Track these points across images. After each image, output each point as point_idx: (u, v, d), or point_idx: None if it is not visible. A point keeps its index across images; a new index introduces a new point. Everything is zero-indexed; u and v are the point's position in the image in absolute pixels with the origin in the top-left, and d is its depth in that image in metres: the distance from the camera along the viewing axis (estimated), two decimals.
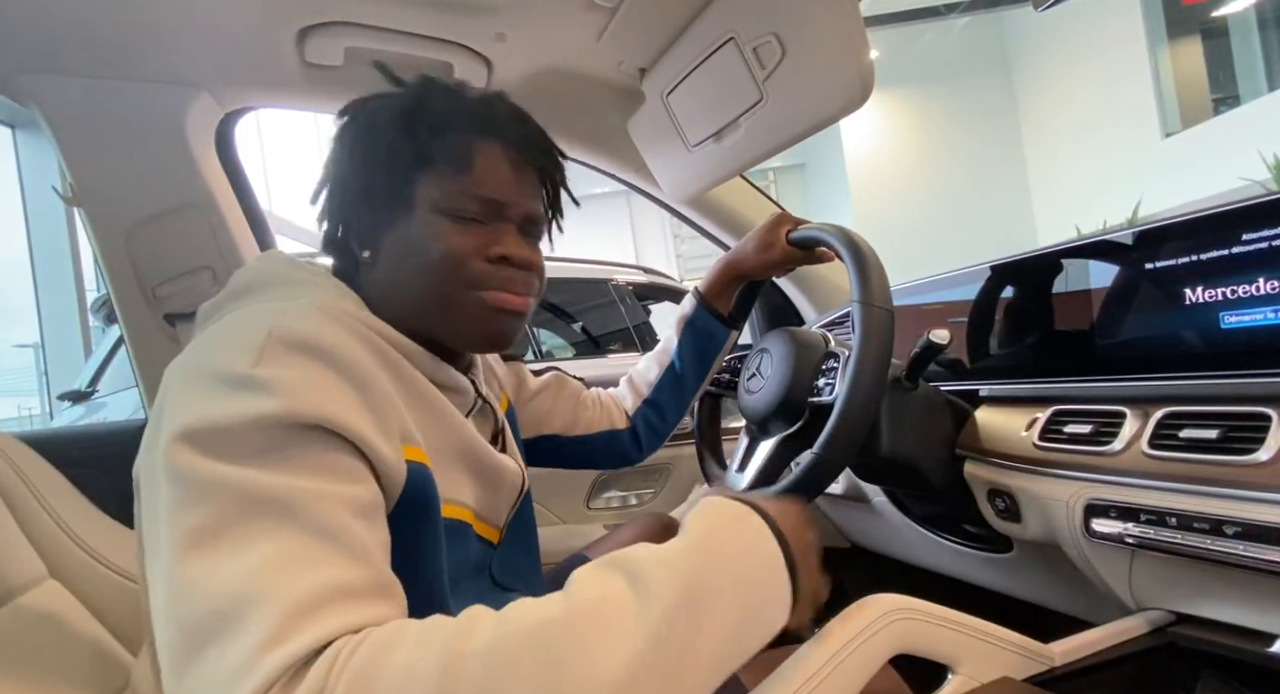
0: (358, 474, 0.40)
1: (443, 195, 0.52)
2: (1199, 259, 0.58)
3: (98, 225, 0.89)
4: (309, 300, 0.47)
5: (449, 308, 0.53)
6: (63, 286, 4.06)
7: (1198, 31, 6.46)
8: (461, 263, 0.52)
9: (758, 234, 0.83)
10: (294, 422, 0.38)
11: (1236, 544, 0.50)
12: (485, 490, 0.57)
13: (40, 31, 0.77)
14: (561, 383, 0.83)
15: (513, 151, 0.55)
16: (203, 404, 0.38)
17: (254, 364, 0.39)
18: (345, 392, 0.41)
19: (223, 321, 0.45)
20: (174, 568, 0.34)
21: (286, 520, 0.35)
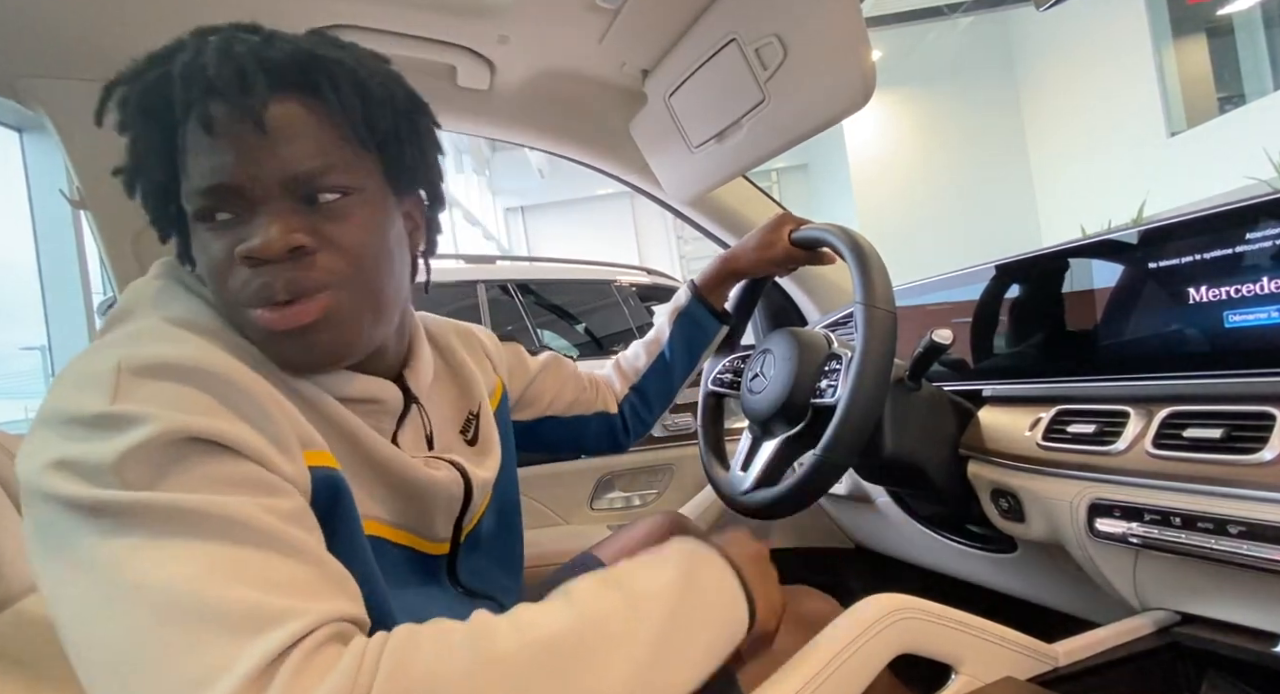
0: (270, 484, 0.36)
1: (184, 198, 0.43)
2: (1203, 258, 0.58)
3: (105, 229, 0.89)
4: (162, 316, 0.41)
5: (242, 329, 0.43)
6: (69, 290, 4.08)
7: (1203, 30, 6.43)
8: (221, 272, 0.42)
9: (760, 232, 0.83)
10: (174, 439, 0.34)
11: (1241, 544, 0.50)
12: (404, 503, 0.51)
13: (47, 36, 0.77)
14: (559, 363, 0.82)
15: (208, 107, 0.41)
16: (66, 449, 0.33)
17: (109, 401, 0.34)
18: (220, 405, 0.37)
19: (69, 363, 0.39)
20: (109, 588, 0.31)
21: (218, 532, 0.33)
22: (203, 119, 0.41)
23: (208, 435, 0.35)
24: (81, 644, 0.32)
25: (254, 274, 0.41)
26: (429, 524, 0.54)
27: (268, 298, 0.41)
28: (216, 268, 0.42)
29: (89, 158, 0.87)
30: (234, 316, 0.43)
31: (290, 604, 0.32)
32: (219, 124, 0.41)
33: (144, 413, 0.34)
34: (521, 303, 2.84)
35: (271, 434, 0.38)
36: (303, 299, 0.42)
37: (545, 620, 0.37)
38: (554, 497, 1.32)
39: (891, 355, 0.64)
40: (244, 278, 0.41)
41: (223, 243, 0.42)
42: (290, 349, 0.43)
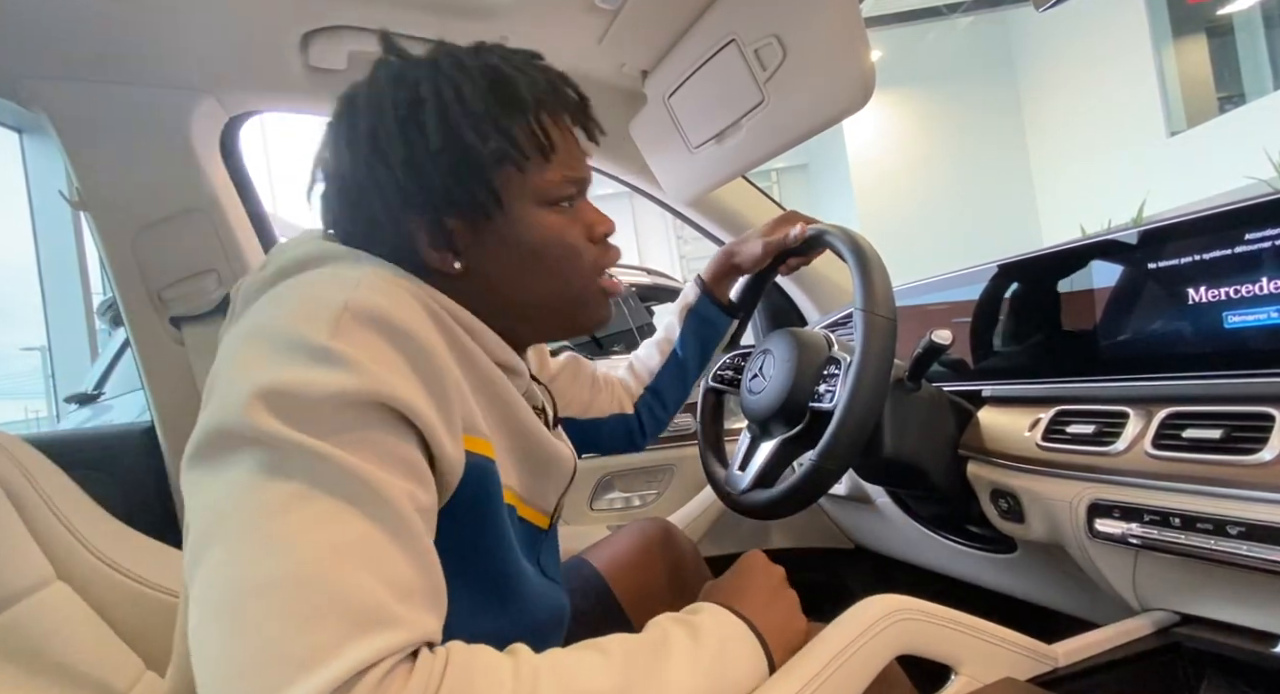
0: (424, 474, 0.39)
1: (540, 184, 0.49)
2: (1202, 259, 0.58)
3: (104, 229, 0.90)
4: (381, 272, 0.44)
5: (577, 302, 0.53)
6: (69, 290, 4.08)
7: (1203, 30, 6.43)
8: (579, 253, 0.52)
9: (763, 228, 0.82)
10: (368, 401, 0.36)
11: (1240, 544, 0.50)
12: (535, 476, 0.54)
13: (47, 37, 0.77)
14: (578, 364, 0.82)
15: (571, 119, 0.52)
16: (279, 370, 0.36)
17: (331, 336, 0.36)
18: (416, 376, 0.39)
19: (290, 287, 0.42)
20: (258, 527, 0.32)
21: (369, 506, 0.34)
22: (588, 130, 0.53)
23: (395, 403, 0.37)
24: (210, 566, 0.33)
25: (602, 249, 0.54)
26: (546, 497, 0.56)
27: (611, 268, 0.54)
28: (572, 245, 0.51)
29: (88, 158, 0.87)
30: (576, 284, 0.52)
31: (399, 611, 0.33)
32: (575, 120, 0.52)
33: (354, 359, 0.36)
34: None
35: (446, 411, 0.41)
36: None
37: (584, 677, 0.38)
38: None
39: (890, 362, 0.64)
40: (596, 252, 0.53)
41: (575, 225, 0.52)
42: (609, 311, 0.55)
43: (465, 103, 0.46)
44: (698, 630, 0.44)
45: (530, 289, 0.51)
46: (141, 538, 0.73)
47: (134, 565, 0.69)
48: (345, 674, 0.30)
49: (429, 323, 0.42)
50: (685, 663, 0.42)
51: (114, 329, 2.65)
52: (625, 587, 0.74)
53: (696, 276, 0.87)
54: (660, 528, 0.81)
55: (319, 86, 0.92)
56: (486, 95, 0.47)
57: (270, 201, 1.36)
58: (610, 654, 0.40)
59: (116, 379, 2.47)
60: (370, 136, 0.47)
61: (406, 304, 0.41)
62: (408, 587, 0.34)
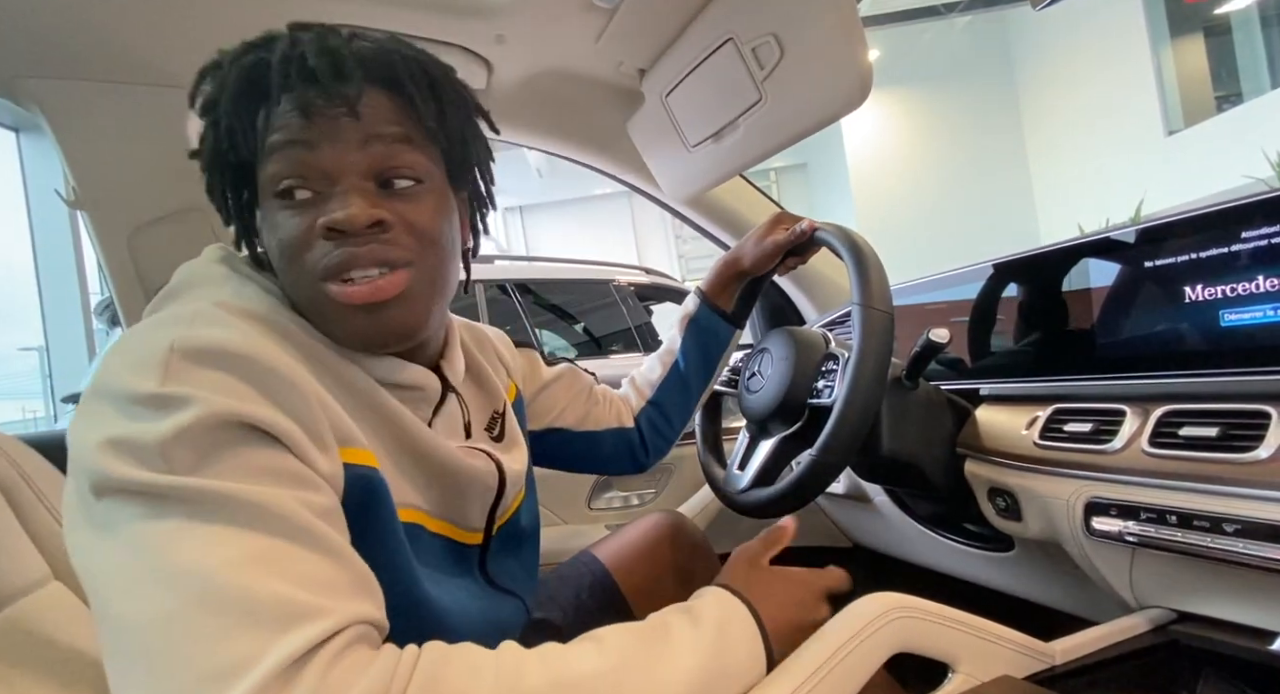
0: (308, 478, 0.38)
1: (265, 177, 0.45)
2: (1199, 257, 0.58)
3: (100, 228, 0.89)
4: (218, 299, 0.42)
5: (311, 305, 0.45)
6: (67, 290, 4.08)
7: (1200, 29, 6.44)
8: (300, 246, 0.44)
9: (758, 232, 0.82)
10: (220, 423, 0.35)
11: (1236, 542, 0.50)
12: (441, 491, 0.52)
13: (43, 35, 0.77)
14: (575, 375, 0.80)
15: (306, 93, 0.43)
16: (118, 427, 0.35)
17: (160, 383, 0.35)
18: (263, 396, 0.38)
19: (123, 337, 0.40)
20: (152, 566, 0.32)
21: (256, 522, 0.34)
22: (301, 102, 0.43)
23: (250, 421, 0.36)
24: (113, 620, 0.32)
25: (334, 246, 0.43)
26: (464, 513, 0.55)
27: (347, 270, 0.44)
28: (294, 242, 0.44)
29: (85, 157, 0.87)
30: (306, 292, 0.45)
31: (319, 602, 0.33)
32: (315, 108, 0.43)
33: (191, 396, 0.35)
34: (520, 302, 2.84)
35: (310, 428, 0.39)
36: (383, 274, 0.44)
37: (574, 662, 0.38)
38: (552, 496, 1.32)
39: (888, 356, 0.64)
40: (324, 250, 0.43)
41: (303, 219, 0.44)
42: (363, 323, 0.45)
43: (216, 99, 0.45)
44: (698, 617, 0.45)
45: (291, 293, 0.46)
46: None
47: None
48: (276, 669, 0.30)
49: (268, 341, 0.40)
50: (682, 646, 0.42)
51: (112, 329, 2.64)
52: (630, 580, 0.74)
53: (696, 288, 0.86)
54: (670, 521, 0.81)
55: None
56: (231, 89, 0.44)
57: None
58: (604, 642, 0.40)
59: None
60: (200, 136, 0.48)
61: (240, 328, 0.40)
62: (324, 580, 0.34)
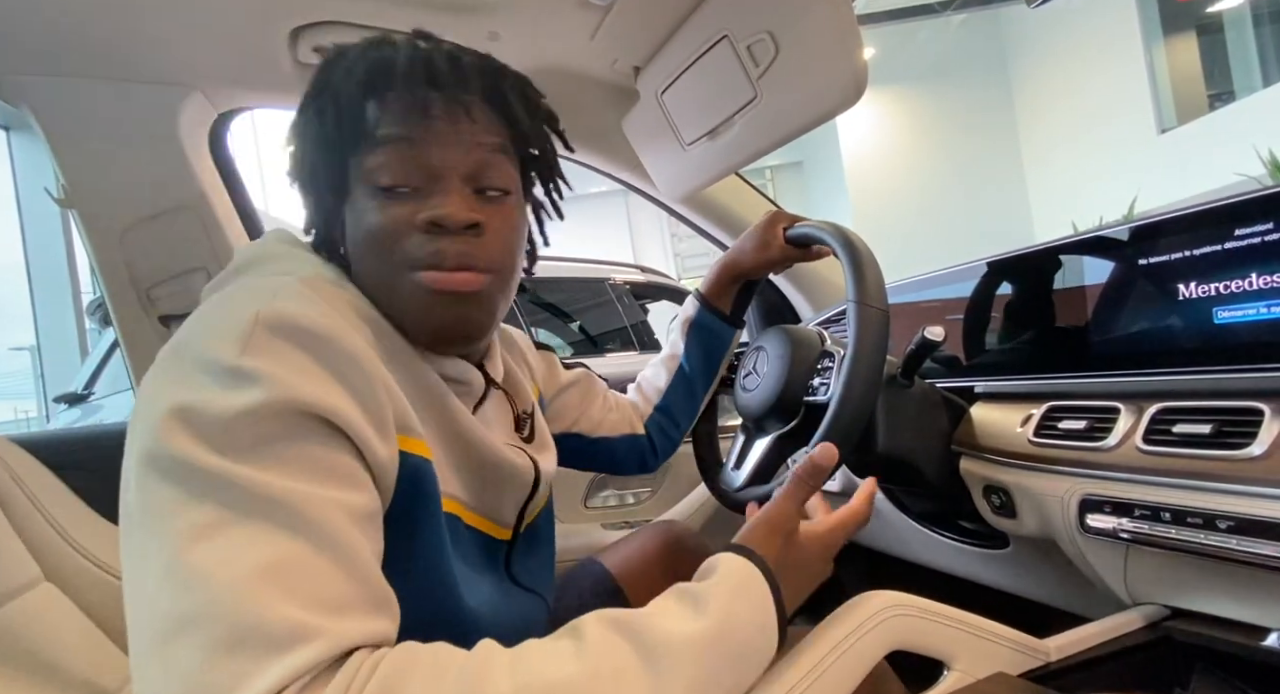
0: (357, 478, 0.38)
1: (368, 168, 0.47)
2: (1192, 254, 0.58)
3: (91, 228, 0.89)
4: (298, 276, 0.43)
5: (392, 294, 0.47)
6: (58, 289, 4.05)
7: (1193, 27, 6.47)
8: (393, 236, 0.46)
9: (754, 233, 0.82)
10: (285, 410, 0.36)
11: (1230, 538, 0.50)
12: (481, 484, 0.53)
13: (32, 33, 0.76)
14: (591, 381, 0.81)
15: (427, 94, 0.46)
16: (190, 393, 0.36)
17: (240, 353, 0.36)
18: (335, 380, 0.38)
19: (209, 302, 0.42)
20: (175, 560, 0.32)
21: (288, 525, 0.34)
22: (423, 102, 0.46)
23: (317, 410, 0.37)
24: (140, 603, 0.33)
25: (429, 240, 0.46)
26: (500, 509, 0.55)
27: (439, 262, 0.46)
28: (389, 232, 0.46)
29: (75, 156, 0.86)
30: (391, 280, 0.47)
31: (323, 624, 0.32)
32: (435, 109, 0.47)
33: (266, 374, 0.36)
34: (516, 301, 2.83)
35: (375, 413, 0.40)
36: (471, 270, 0.47)
37: (548, 666, 0.35)
38: None
39: (884, 353, 0.64)
40: (418, 242, 0.46)
41: (401, 211, 0.46)
42: (445, 311, 0.47)
43: (332, 84, 0.47)
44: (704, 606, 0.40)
45: (368, 275, 0.48)
46: None
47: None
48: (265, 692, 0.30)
49: (354, 325, 0.42)
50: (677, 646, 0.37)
51: (104, 328, 2.63)
52: (637, 589, 0.74)
53: (695, 291, 0.86)
54: (676, 531, 0.81)
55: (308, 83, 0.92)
56: (347, 73, 0.47)
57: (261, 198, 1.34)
58: (585, 640, 0.37)
59: (106, 379, 2.46)
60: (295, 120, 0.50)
61: (323, 308, 0.40)
62: (336, 599, 0.34)
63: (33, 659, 0.57)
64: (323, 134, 0.48)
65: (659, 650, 0.37)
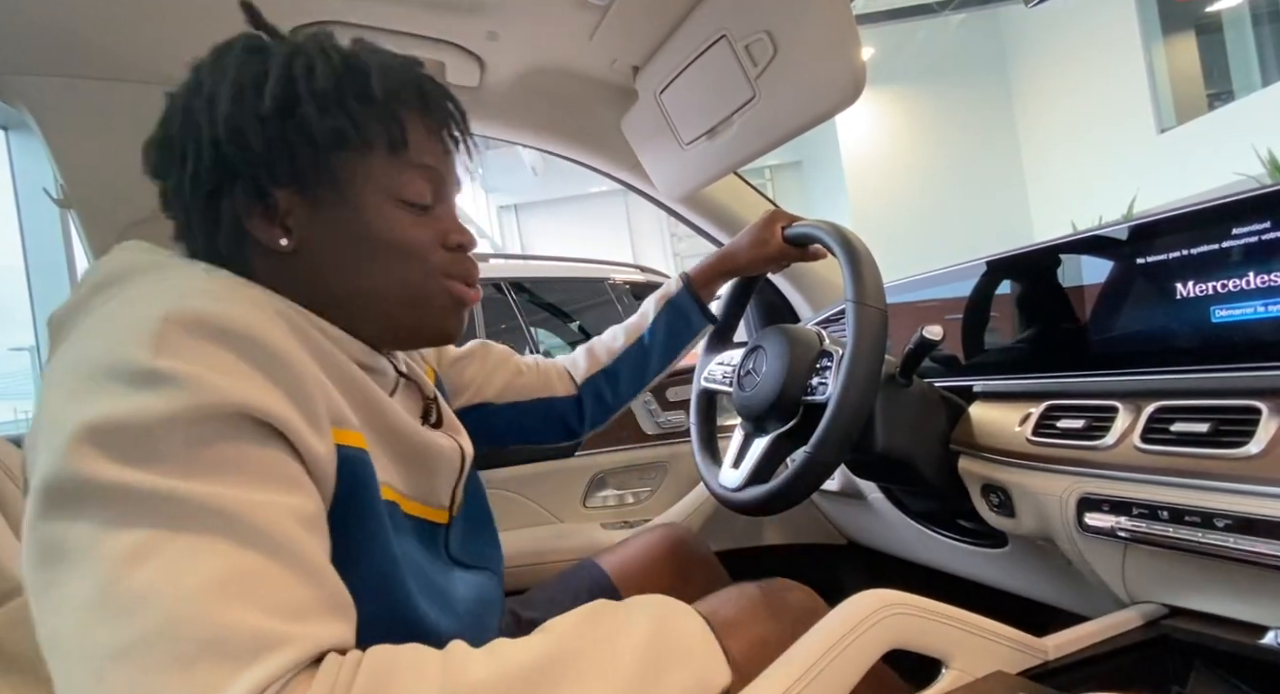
0: (297, 480, 0.36)
1: (387, 178, 0.48)
2: (1190, 254, 0.59)
3: (90, 228, 0.89)
4: (201, 275, 0.41)
5: (416, 304, 0.50)
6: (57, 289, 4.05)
7: (1192, 27, 6.47)
8: (422, 253, 0.50)
9: (753, 230, 0.82)
10: (213, 413, 0.33)
11: (1227, 537, 0.50)
12: (414, 470, 0.52)
13: (29, 33, 0.76)
14: (487, 349, 0.79)
15: (439, 123, 0.51)
16: (101, 405, 0.32)
17: (153, 355, 0.33)
18: (264, 377, 0.36)
19: (101, 312, 0.38)
20: (110, 589, 0.29)
21: (233, 535, 0.32)
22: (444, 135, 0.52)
23: (249, 410, 0.34)
24: (59, 647, 0.30)
25: (455, 259, 0.53)
26: (434, 492, 0.55)
27: (469, 280, 0.53)
28: (416, 244, 0.50)
29: (73, 156, 0.86)
30: (414, 280, 0.50)
31: (289, 630, 0.31)
32: (453, 144, 0.53)
33: (187, 375, 0.33)
34: (515, 301, 2.84)
35: (307, 409, 0.38)
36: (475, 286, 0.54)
37: (520, 652, 0.37)
38: (546, 495, 1.32)
39: (882, 353, 0.64)
40: (447, 258, 0.52)
41: (425, 229, 0.51)
42: (457, 320, 0.54)
43: (312, 79, 0.45)
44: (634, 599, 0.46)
45: (364, 280, 0.48)
46: None
47: None
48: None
49: (273, 321, 0.39)
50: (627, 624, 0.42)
51: None
52: (634, 592, 0.74)
53: (683, 273, 0.85)
54: (675, 534, 0.81)
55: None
56: (337, 77, 0.46)
57: None
58: (550, 631, 0.40)
59: None
60: (207, 97, 0.45)
61: (241, 304, 0.38)
62: (296, 604, 0.32)
63: (30, 660, 0.56)
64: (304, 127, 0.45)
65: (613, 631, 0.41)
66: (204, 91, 0.46)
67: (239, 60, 0.46)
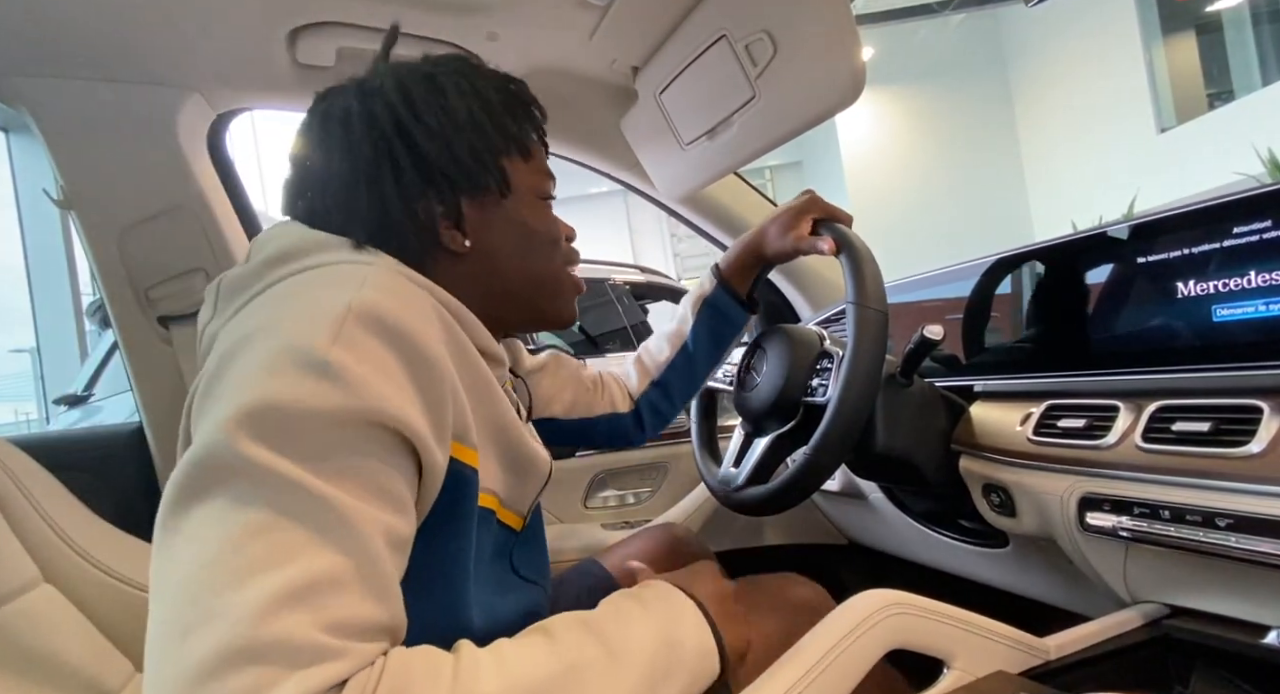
0: (405, 503, 0.39)
1: (535, 180, 0.56)
2: (1191, 253, 0.58)
3: (90, 229, 0.89)
4: (387, 265, 0.45)
5: (554, 290, 0.58)
6: (58, 291, 4.05)
7: (1192, 27, 6.47)
8: (559, 244, 0.58)
9: (784, 217, 0.75)
10: (360, 419, 0.36)
11: (1228, 536, 0.50)
12: (515, 477, 0.54)
13: (30, 34, 0.76)
14: (560, 362, 0.79)
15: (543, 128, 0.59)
16: (271, 383, 0.35)
17: (330, 342, 0.36)
18: (413, 385, 0.39)
19: (291, 285, 0.43)
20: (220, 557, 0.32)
21: (335, 537, 0.34)
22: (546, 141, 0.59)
23: (389, 421, 0.37)
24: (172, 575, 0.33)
25: (572, 248, 0.61)
26: (521, 497, 0.56)
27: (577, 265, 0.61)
28: (557, 235, 0.58)
29: (73, 157, 0.86)
30: (548, 270, 0.57)
31: (348, 648, 0.33)
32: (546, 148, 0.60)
33: (352, 375, 0.36)
34: None
35: (439, 422, 0.41)
36: None
37: (529, 664, 0.38)
38: (547, 495, 1.30)
39: (882, 355, 0.64)
40: (570, 249, 0.60)
41: (556, 221, 0.59)
42: (573, 309, 0.59)
43: (480, 93, 0.52)
44: (642, 599, 0.46)
45: (524, 270, 0.55)
46: (130, 539, 0.73)
47: (122, 567, 0.68)
48: None
49: (434, 322, 0.43)
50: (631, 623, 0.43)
51: (103, 330, 2.63)
52: None
53: (714, 266, 0.81)
54: (675, 534, 0.81)
55: (307, 83, 0.91)
56: (502, 93, 0.54)
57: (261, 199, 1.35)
58: (554, 637, 0.41)
59: (106, 380, 2.45)
60: (389, 122, 0.49)
61: (414, 303, 0.42)
62: (362, 622, 0.34)
63: (32, 661, 0.56)
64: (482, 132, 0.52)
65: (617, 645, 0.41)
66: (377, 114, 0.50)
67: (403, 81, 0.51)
